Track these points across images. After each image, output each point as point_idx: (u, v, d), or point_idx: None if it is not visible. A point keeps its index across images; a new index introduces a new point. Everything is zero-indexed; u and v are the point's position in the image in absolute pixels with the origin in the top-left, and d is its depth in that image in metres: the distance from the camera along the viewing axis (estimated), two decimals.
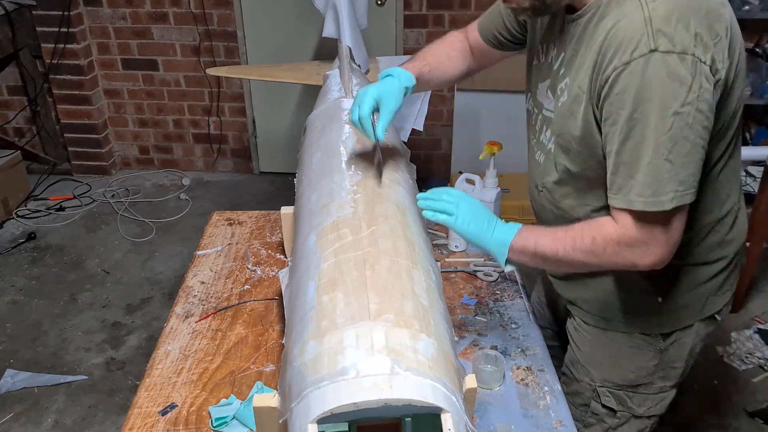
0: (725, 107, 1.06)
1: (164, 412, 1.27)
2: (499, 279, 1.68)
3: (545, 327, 1.62)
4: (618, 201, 1.06)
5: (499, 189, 1.80)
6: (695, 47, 0.96)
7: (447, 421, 0.85)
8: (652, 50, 0.96)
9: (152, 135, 4.12)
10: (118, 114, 4.07)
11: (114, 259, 3.29)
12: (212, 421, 1.24)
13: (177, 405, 1.29)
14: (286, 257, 1.68)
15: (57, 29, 3.66)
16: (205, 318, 1.54)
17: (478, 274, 1.69)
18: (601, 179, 1.11)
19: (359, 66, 2.09)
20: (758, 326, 2.72)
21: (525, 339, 1.48)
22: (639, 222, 1.05)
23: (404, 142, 1.72)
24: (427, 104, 2.67)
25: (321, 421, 0.84)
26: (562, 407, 1.30)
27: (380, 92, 1.24)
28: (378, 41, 3.52)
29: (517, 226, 1.20)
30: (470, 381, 0.99)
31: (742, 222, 1.28)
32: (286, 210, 1.54)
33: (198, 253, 1.79)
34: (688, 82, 0.96)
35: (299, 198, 1.41)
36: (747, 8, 3.23)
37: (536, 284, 1.71)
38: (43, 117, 3.98)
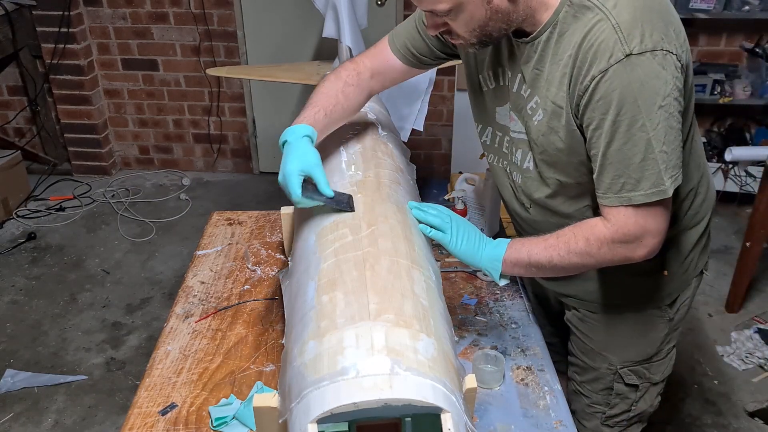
0: (687, 82, 1.13)
1: (164, 412, 1.27)
2: None
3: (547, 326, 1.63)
4: (609, 200, 1.10)
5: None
6: (662, 41, 1.03)
7: (447, 421, 0.85)
8: (628, 54, 1.01)
9: (152, 135, 4.12)
10: (118, 114, 4.07)
11: (114, 259, 3.29)
12: (212, 421, 1.24)
13: (177, 405, 1.29)
14: (286, 257, 1.69)
15: (57, 29, 3.66)
16: (205, 318, 1.54)
17: (478, 274, 1.69)
18: (591, 177, 1.16)
19: None
20: (758, 326, 2.72)
21: (525, 339, 1.48)
22: (635, 216, 1.10)
23: (404, 142, 1.72)
24: (427, 104, 2.67)
25: (321, 421, 0.84)
26: (562, 407, 1.30)
27: (300, 165, 1.20)
28: (378, 41, 3.52)
29: (506, 241, 1.24)
30: (470, 381, 0.99)
31: (711, 180, 1.38)
32: (286, 210, 1.54)
33: (198, 253, 1.79)
34: (664, 76, 1.02)
35: None
36: (747, 8, 3.23)
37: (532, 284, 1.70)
38: (43, 117, 3.98)
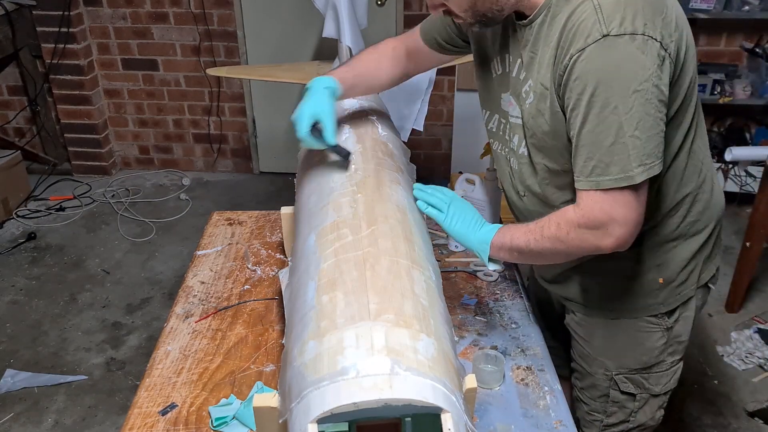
0: (682, 78, 1.11)
1: (164, 412, 1.27)
2: (499, 279, 1.68)
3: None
4: (581, 183, 1.09)
5: (499, 189, 1.80)
6: (645, 26, 1.01)
7: (447, 421, 0.85)
8: (605, 35, 1.01)
9: (152, 135, 4.12)
10: (118, 114, 4.07)
11: (114, 259, 3.29)
12: (212, 421, 1.24)
13: (177, 405, 1.29)
14: (286, 257, 1.69)
15: (57, 29, 3.66)
16: (205, 318, 1.54)
17: (478, 274, 1.69)
18: None
19: None
20: (758, 326, 2.71)
21: (525, 339, 1.48)
22: (602, 202, 1.08)
23: (404, 142, 1.72)
24: (427, 104, 2.67)
25: (321, 421, 0.84)
26: (562, 407, 1.30)
27: (312, 108, 1.29)
28: (378, 41, 3.51)
29: (499, 226, 1.25)
30: (470, 381, 0.99)
31: (718, 186, 1.34)
32: (286, 210, 1.54)
33: (198, 253, 1.79)
34: (642, 61, 1.01)
35: (299, 198, 1.41)
36: (747, 8, 3.23)
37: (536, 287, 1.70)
38: (43, 117, 3.98)
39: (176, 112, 4.03)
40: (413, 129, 2.70)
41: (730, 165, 3.43)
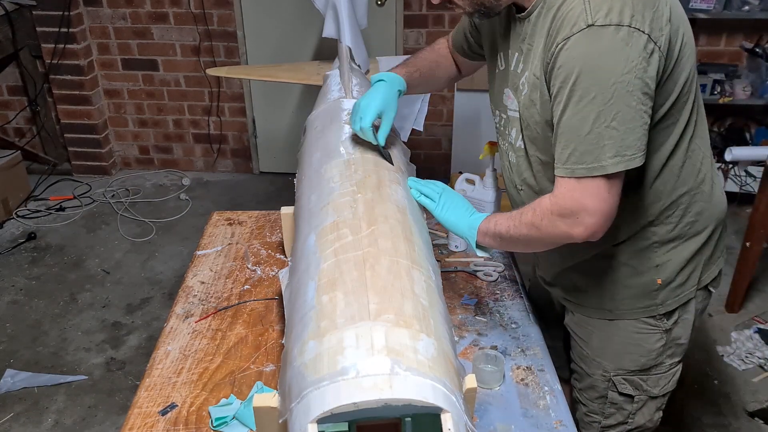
0: (677, 73, 1.10)
1: (164, 412, 1.27)
2: (499, 279, 1.68)
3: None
4: (558, 170, 1.10)
5: (499, 189, 1.80)
6: (632, 18, 1.01)
7: (447, 421, 0.85)
8: (590, 25, 1.02)
9: (152, 135, 4.12)
10: (118, 114, 4.07)
11: (114, 259, 3.29)
12: (212, 421, 1.24)
13: (177, 405, 1.29)
14: (286, 257, 1.68)
15: (57, 29, 3.66)
16: (205, 318, 1.54)
17: (478, 274, 1.69)
18: None
19: (359, 66, 2.09)
20: (758, 326, 2.71)
21: (525, 339, 1.48)
22: (574, 190, 1.09)
23: (404, 142, 1.72)
24: (427, 104, 2.67)
25: (321, 421, 0.84)
26: (562, 407, 1.30)
27: (382, 104, 1.33)
28: (378, 41, 3.52)
29: (487, 214, 1.29)
30: (470, 381, 0.99)
31: (719, 187, 1.33)
32: (286, 210, 1.54)
33: (198, 253, 1.79)
34: (626, 52, 1.01)
35: (299, 198, 1.41)
36: (747, 8, 3.23)
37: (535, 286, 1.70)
38: (43, 117, 3.98)
39: (176, 112, 4.03)
40: (413, 129, 2.70)
41: (730, 165, 3.43)
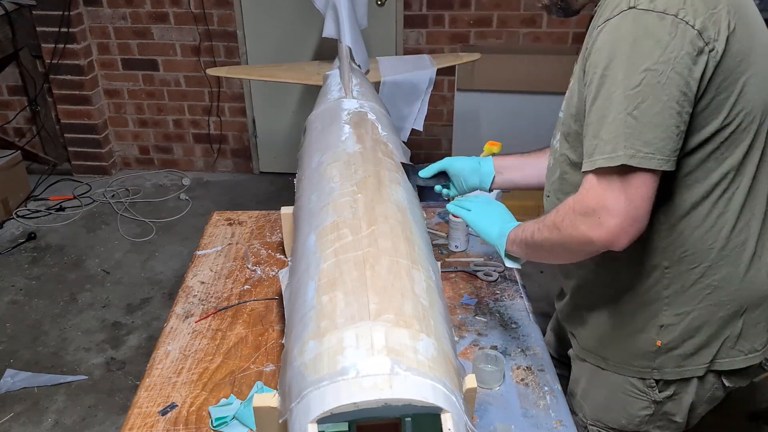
0: (729, 95, 0.98)
1: (164, 412, 1.27)
2: (499, 279, 1.68)
3: (554, 357, 1.52)
4: (585, 165, 1.01)
5: (499, 189, 1.79)
6: (681, 9, 0.92)
7: (447, 421, 0.85)
8: (631, 7, 0.94)
9: (152, 135, 4.12)
10: (118, 114, 4.07)
11: (114, 259, 3.29)
12: (212, 421, 1.24)
13: (177, 405, 1.29)
14: (286, 257, 1.69)
15: (57, 29, 3.66)
16: (205, 318, 1.54)
17: (478, 274, 1.69)
18: None
19: (359, 66, 2.09)
20: None
21: (525, 339, 1.48)
22: (595, 186, 0.99)
23: (404, 142, 1.72)
24: (427, 104, 2.67)
25: (321, 421, 0.84)
26: (562, 407, 1.30)
27: (460, 171, 1.44)
28: (378, 41, 3.52)
29: (512, 224, 1.26)
30: (470, 381, 0.99)
31: (763, 266, 1.13)
32: (286, 210, 1.54)
33: (198, 253, 1.79)
34: (665, 41, 0.92)
35: (299, 198, 1.41)
36: None
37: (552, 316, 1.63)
38: (43, 117, 3.98)
39: (176, 112, 4.03)
40: (413, 129, 2.70)
41: None
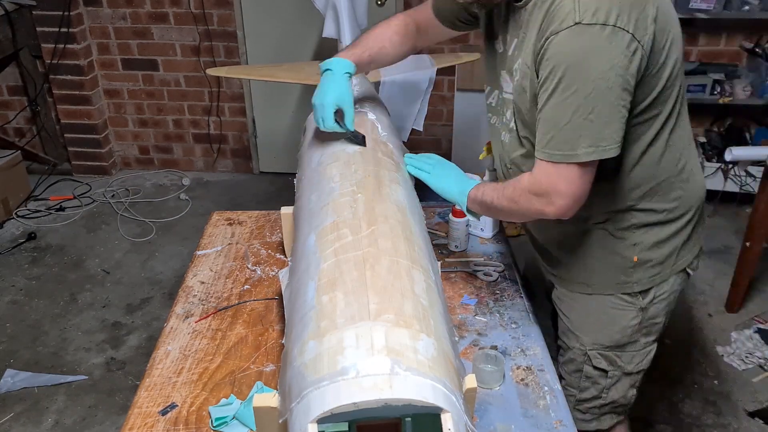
0: (662, 71, 1.17)
1: (164, 412, 1.27)
2: (499, 279, 1.68)
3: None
4: (537, 153, 1.19)
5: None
6: (618, 18, 1.07)
7: (447, 421, 0.85)
8: (577, 23, 1.08)
9: (152, 135, 4.12)
10: (118, 114, 4.06)
11: (114, 259, 3.29)
12: (212, 421, 1.25)
13: (177, 405, 1.29)
14: (286, 257, 1.69)
15: (57, 29, 3.65)
16: (205, 318, 1.54)
17: (478, 274, 1.69)
18: None
19: None
20: (758, 326, 2.71)
21: (525, 339, 1.48)
22: (548, 173, 1.18)
23: (404, 142, 1.72)
24: (427, 104, 2.67)
25: (321, 421, 0.84)
26: (562, 407, 1.30)
27: (336, 96, 1.40)
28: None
29: (477, 181, 1.39)
30: (470, 381, 0.99)
31: (699, 175, 1.40)
32: (286, 210, 1.54)
33: (198, 253, 1.79)
34: (609, 51, 1.08)
35: (299, 198, 1.41)
36: (747, 8, 3.23)
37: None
38: (43, 117, 3.98)
39: (176, 112, 4.02)
40: (413, 129, 2.70)
41: (730, 165, 3.42)
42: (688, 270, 1.42)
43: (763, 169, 2.54)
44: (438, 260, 1.42)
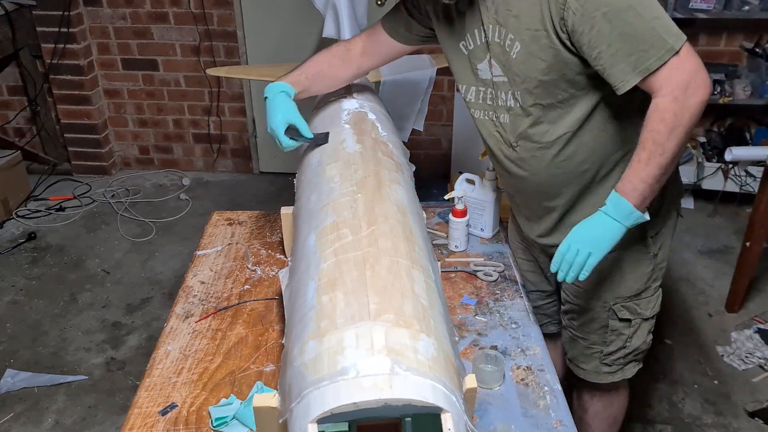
0: None
1: (164, 412, 1.27)
2: (499, 279, 1.68)
3: (534, 291, 1.76)
4: (635, 78, 1.19)
5: (499, 189, 1.80)
6: None
7: (447, 421, 0.85)
8: None
9: (152, 135, 4.12)
10: (118, 114, 4.06)
11: (114, 259, 3.29)
12: (212, 421, 1.25)
13: (177, 405, 1.29)
14: (286, 257, 1.69)
15: (57, 29, 3.65)
16: (205, 318, 1.54)
17: (478, 274, 1.69)
18: (570, 93, 1.31)
19: None
20: (758, 326, 2.71)
21: (525, 339, 1.48)
22: (675, 67, 1.17)
23: (404, 142, 1.72)
24: (427, 104, 2.67)
25: (321, 421, 0.84)
26: (562, 407, 1.30)
27: (283, 116, 1.46)
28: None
29: (613, 196, 1.25)
30: (470, 381, 0.99)
31: None
32: (286, 210, 1.54)
33: (198, 253, 1.79)
34: None
35: (299, 198, 1.41)
36: (747, 8, 3.23)
37: (518, 254, 1.77)
38: (43, 117, 3.98)
39: (176, 112, 4.02)
40: (413, 129, 2.70)
41: (730, 165, 3.42)
42: (679, 213, 1.53)
43: (763, 169, 2.54)
44: (438, 260, 1.42)
